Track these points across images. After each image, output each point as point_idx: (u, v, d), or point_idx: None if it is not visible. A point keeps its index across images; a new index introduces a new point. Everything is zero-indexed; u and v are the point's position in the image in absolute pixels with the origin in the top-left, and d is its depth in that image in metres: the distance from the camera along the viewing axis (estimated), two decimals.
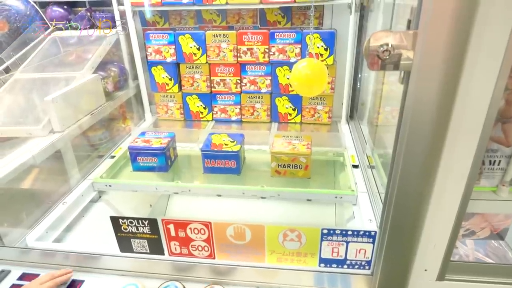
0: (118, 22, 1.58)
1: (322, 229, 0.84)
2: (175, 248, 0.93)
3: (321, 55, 1.48)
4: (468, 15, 0.56)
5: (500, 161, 0.78)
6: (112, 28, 1.58)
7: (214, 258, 0.93)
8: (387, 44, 0.59)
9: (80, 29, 1.54)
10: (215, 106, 1.69)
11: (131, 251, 0.95)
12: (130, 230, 0.91)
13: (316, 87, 1.19)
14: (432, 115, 0.65)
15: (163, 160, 1.29)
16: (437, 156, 0.69)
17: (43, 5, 1.60)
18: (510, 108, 0.72)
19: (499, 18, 0.57)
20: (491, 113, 0.65)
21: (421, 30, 0.58)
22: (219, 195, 1.24)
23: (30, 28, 1.47)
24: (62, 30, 1.54)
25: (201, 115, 1.72)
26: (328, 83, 1.55)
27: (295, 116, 1.65)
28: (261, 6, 1.50)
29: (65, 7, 1.61)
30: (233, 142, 1.30)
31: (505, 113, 0.72)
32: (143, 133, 1.39)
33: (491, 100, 0.64)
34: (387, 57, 0.60)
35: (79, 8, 1.63)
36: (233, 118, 1.70)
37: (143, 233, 0.91)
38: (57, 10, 1.58)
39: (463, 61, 0.60)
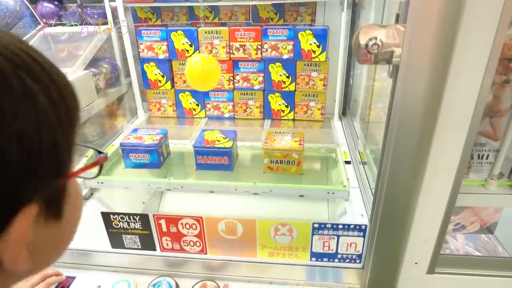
0: (116, 20, 1.57)
1: (313, 223, 0.84)
2: (167, 243, 0.93)
3: (314, 51, 1.49)
4: (456, 9, 0.57)
5: (488, 155, 0.79)
6: (106, 25, 1.57)
7: (206, 253, 0.93)
8: (375, 38, 0.59)
9: (82, 24, 1.52)
10: (208, 103, 1.69)
11: (123, 247, 0.95)
12: (122, 226, 0.91)
13: (210, 81, 1.22)
14: (420, 110, 0.65)
15: (156, 157, 1.29)
16: (426, 150, 0.70)
17: (33, 1, 1.58)
18: (497, 102, 0.73)
19: (486, 12, 0.58)
20: (478, 107, 0.66)
21: (408, 24, 0.58)
22: (211, 192, 1.25)
23: (20, 24, 1.45)
24: (65, 26, 1.53)
25: (194, 112, 1.71)
26: (321, 79, 1.55)
27: (288, 113, 1.65)
28: (254, 2, 1.50)
29: (56, 3, 1.59)
30: (225, 138, 1.30)
31: (492, 108, 0.73)
32: (135, 130, 1.38)
33: (479, 94, 0.65)
34: (376, 51, 0.60)
35: (70, 4, 1.61)
36: (226, 115, 1.70)
37: (135, 228, 0.91)
38: (48, 6, 1.56)
39: (451, 55, 0.60)
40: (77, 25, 1.54)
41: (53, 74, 0.30)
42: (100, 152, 0.38)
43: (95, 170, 0.38)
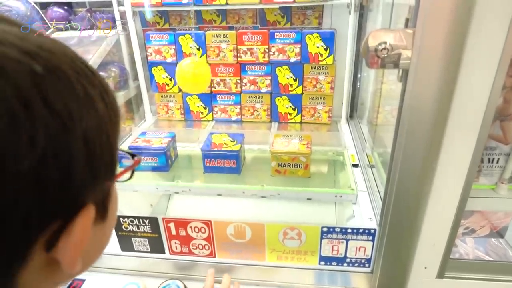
0: (118, 23, 1.59)
1: (322, 227, 0.84)
2: (176, 246, 0.93)
3: (321, 54, 1.49)
4: (466, 13, 0.57)
5: (498, 158, 0.78)
6: (113, 28, 1.59)
7: (214, 256, 0.94)
8: (385, 43, 0.59)
9: (80, 29, 1.54)
10: (215, 106, 1.69)
11: (132, 250, 0.96)
12: (131, 229, 0.92)
13: (200, 84, 1.25)
14: (430, 114, 0.65)
15: (164, 160, 1.29)
16: (436, 154, 0.70)
17: (44, 6, 1.60)
18: (508, 106, 0.72)
19: (496, 16, 0.58)
20: (489, 111, 0.66)
21: (418, 28, 0.58)
22: (219, 195, 1.25)
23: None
24: (62, 30, 1.55)
25: (201, 115, 1.72)
26: (328, 82, 1.55)
27: (295, 116, 1.65)
28: (261, 6, 1.51)
29: (66, 7, 1.62)
30: (233, 141, 1.30)
31: (503, 111, 0.73)
32: (143, 133, 1.39)
33: (489, 98, 0.64)
34: (385, 55, 0.60)
35: (79, 9, 1.63)
36: (233, 118, 1.70)
37: (144, 232, 0.91)
38: (58, 11, 1.59)
39: (460, 59, 0.60)
40: (78, 28, 1.55)
41: (101, 80, 0.31)
42: (133, 156, 0.39)
43: (127, 174, 0.40)
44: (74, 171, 0.26)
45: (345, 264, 0.90)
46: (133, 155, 0.39)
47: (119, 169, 0.37)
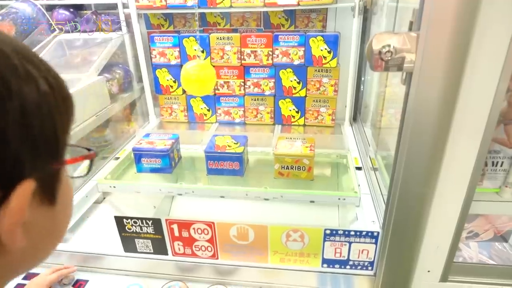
0: (123, 25, 1.60)
1: (325, 230, 0.84)
2: (179, 248, 0.93)
3: (325, 57, 1.49)
4: (470, 16, 0.57)
5: (502, 162, 0.78)
6: (116, 30, 1.60)
7: (217, 258, 0.94)
8: (389, 45, 0.60)
9: (80, 29, 1.56)
10: (219, 108, 1.70)
11: (135, 251, 0.96)
12: (134, 230, 0.92)
13: (204, 86, 1.26)
14: (434, 117, 0.65)
15: (167, 162, 1.30)
16: (439, 157, 0.70)
17: (50, 8, 1.62)
18: None
19: (500, 20, 0.58)
20: (493, 114, 0.66)
21: (422, 31, 0.58)
22: (222, 197, 1.25)
23: (37, 31, 1.49)
24: (69, 32, 1.56)
25: (205, 117, 1.73)
26: (331, 85, 1.55)
27: (299, 119, 1.66)
28: (265, 9, 1.51)
29: (71, 10, 1.63)
30: (236, 144, 1.30)
31: (507, 115, 0.73)
32: (147, 135, 1.40)
33: (493, 101, 0.64)
34: (389, 58, 0.61)
35: (85, 11, 1.65)
36: (237, 120, 1.71)
37: (147, 233, 0.92)
38: (63, 13, 1.60)
39: (464, 62, 0.60)
40: (78, 30, 1.57)
41: (48, 66, 0.34)
42: (89, 150, 0.40)
43: (84, 169, 0.40)
44: (9, 139, 0.27)
45: (348, 267, 0.90)
46: (88, 149, 0.39)
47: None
